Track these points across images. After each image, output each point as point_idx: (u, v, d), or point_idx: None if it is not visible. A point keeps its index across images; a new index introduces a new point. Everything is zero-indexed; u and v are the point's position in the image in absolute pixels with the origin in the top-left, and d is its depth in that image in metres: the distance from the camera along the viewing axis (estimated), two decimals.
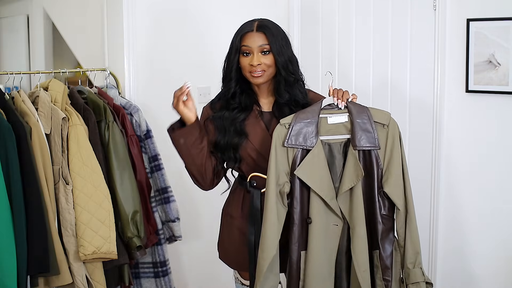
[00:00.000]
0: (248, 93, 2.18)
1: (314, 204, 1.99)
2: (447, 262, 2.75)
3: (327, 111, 2.03)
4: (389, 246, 2.03)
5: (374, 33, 2.92)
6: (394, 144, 2.02)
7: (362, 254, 1.98)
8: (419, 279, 2.03)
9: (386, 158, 2.02)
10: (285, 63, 2.10)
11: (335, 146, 2.02)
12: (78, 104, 2.56)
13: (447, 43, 2.65)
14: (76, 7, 3.54)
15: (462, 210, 2.69)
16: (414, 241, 2.04)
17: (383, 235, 2.02)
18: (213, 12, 3.16)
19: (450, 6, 2.63)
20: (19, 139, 2.28)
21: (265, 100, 2.20)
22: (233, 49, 2.13)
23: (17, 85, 2.57)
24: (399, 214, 2.04)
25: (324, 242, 2.00)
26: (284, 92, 2.13)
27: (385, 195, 2.02)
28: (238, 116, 2.14)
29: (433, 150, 2.74)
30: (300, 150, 1.99)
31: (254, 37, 2.09)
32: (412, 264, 2.03)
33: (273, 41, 2.08)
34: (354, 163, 1.98)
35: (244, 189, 2.22)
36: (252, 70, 2.09)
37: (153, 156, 2.79)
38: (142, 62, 2.96)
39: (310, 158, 1.98)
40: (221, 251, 2.33)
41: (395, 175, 2.01)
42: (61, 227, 2.40)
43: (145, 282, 2.80)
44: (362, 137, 1.99)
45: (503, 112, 2.53)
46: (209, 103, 2.24)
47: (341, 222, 2.00)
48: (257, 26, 2.11)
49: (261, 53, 2.09)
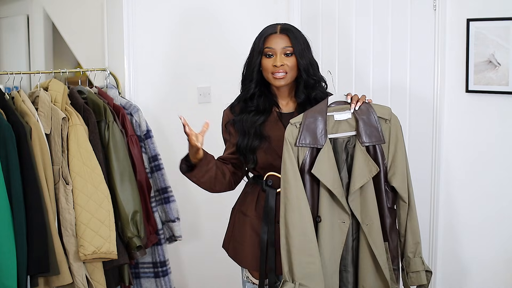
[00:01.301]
0: (266, 96, 2.21)
1: (324, 202, 2.00)
2: (447, 262, 2.75)
3: (332, 109, 2.06)
4: (395, 237, 2.10)
5: (374, 33, 2.92)
6: (398, 138, 2.07)
7: (382, 248, 2.04)
8: (419, 268, 2.10)
9: (391, 152, 2.06)
10: (307, 66, 2.15)
11: (339, 143, 2.04)
12: (78, 104, 2.56)
13: (447, 43, 2.65)
14: (76, 7, 3.54)
15: (462, 210, 2.69)
16: (414, 231, 2.10)
17: (390, 227, 2.08)
18: (213, 12, 3.16)
19: (450, 6, 2.63)
20: (19, 139, 2.28)
21: (284, 101, 2.23)
22: (255, 51, 2.16)
23: (17, 85, 2.57)
24: (402, 206, 2.09)
25: (331, 239, 2.02)
26: (301, 93, 2.18)
27: (390, 188, 2.06)
28: (258, 119, 2.17)
29: (433, 150, 2.74)
30: (309, 149, 2.01)
31: (277, 39, 2.14)
32: (412, 254, 2.10)
33: (296, 43, 2.13)
34: (365, 159, 2.01)
35: (258, 189, 2.23)
36: (274, 71, 2.12)
37: (153, 156, 2.79)
38: (142, 62, 2.96)
39: (322, 156, 1.99)
40: (231, 249, 2.31)
41: (401, 169, 2.05)
42: (61, 227, 2.40)
43: (145, 282, 2.80)
44: (368, 132, 2.02)
45: (503, 112, 2.53)
46: (229, 106, 2.27)
47: (348, 219, 2.02)
48: (281, 29, 2.15)
49: (284, 55, 2.13)
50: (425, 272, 2.11)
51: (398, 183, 2.05)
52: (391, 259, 2.07)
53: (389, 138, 2.06)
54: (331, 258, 2.02)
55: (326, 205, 2.01)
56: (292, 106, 2.22)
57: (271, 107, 2.20)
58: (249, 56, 2.20)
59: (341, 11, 3.06)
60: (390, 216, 2.07)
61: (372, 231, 2.02)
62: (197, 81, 3.15)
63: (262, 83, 2.20)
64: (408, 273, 2.11)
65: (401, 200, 2.09)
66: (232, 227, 2.32)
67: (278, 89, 2.21)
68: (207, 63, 3.15)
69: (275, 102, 2.22)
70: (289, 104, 2.23)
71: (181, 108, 3.06)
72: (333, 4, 3.08)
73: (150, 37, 2.98)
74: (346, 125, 2.05)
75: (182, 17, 3.07)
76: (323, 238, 2.00)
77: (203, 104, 3.15)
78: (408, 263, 2.11)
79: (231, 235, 2.32)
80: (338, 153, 2.04)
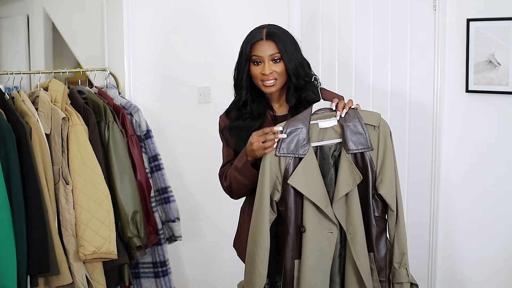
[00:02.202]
0: (259, 100, 2.19)
1: (308, 213, 1.96)
2: (447, 261, 2.75)
3: (317, 116, 2.02)
4: (383, 248, 2.03)
5: (374, 33, 2.92)
6: (386, 145, 2.01)
7: (365, 258, 1.98)
8: (403, 280, 2.03)
9: (379, 159, 2.00)
10: (296, 70, 2.11)
11: (325, 151, 2.00)
12: (78, 104, 2.56)
13: (447, 43, 2.66)
14: (76, 7, 3.54)
15: (462, 210, 2.69)
16: (400, 241, 2.03)
17: (377, 237, 2.01)
18: (213, 12, 3.16)
19: (450, 6, 2.63)
20: (19, 139, 2.28)
21: (277, 104, 2.21)
22: (243, 58, 2.13)
23: (17, 85, 2.57)
24: (390, 215, 2.03)
25: (318, 250, 1.97)
26: (292, 97, 2.15)
27: (379, 197, 2.01)
28: (253, 125, 2.15)
29: (433, 150, 2.75)
30: (292, 158, 1.97)
31: (264, 46, 2.09)
32: (398, 264, 2.03)
33: (283, 49, 2.09)
34: (349, 167, 1.96)
35: None
36: (264, 78, 2.10)
37: (153, 156, 2.79)
38: (142, 62, 2.96)
39: (303, 166, 1.95)
40: (240, 249, 2.28)
41: (389, 177, 2.00)
42: (61, 227, 2.40)
43: (145, 282, 2.80)
44: (354, 140, 1.97)
45: (503, 112, 2.53)
46: (224, 112, 2.25)
47: (336, 229, 1.98)
48: (267, 34, 2.10)
49: (272, 61, 2.10)
50: (410, 285, 2.04)
51: (385, 191, 1.99)
52: (377, 271, 2.01)
53: (378, 145, 2.00)
54: (318, 269, 1.98)
55: (311, 216, 1.97)
56: (286, 109, 2.20)
57: (265, 111, 2.18)
58: (238, 61, 2.17)
59: (341, 11, 3.06)
60: (377, 225, 2.01)
61: (355, 240, 1.96)
62: (197, 81, 3.15)
63: (253, 88, 2.17)
64: (393, 284, 2.04)
65: (389, 209, 2.02)
66: (241, 227, 2.31)
67: (270, 94, 2.19)
68: (207, 63, 3.15)
69: (268, 106, 2.20)
70: (283, 107, 2.21)
71: (181, 108, 3.07)
72: (333, 4, 3.08)
73: (150, 37, 2.98)
74: (332, 132, 2.00)
75: (182, 17, 3.07)
76: (308, 249, 1.96)
77: (203, 104, 3.15)
78: (393, 274, 2.03)
79: (239, 235, 2.31)
80: (324, 161, 2.00)
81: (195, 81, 3.15)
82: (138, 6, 2.91)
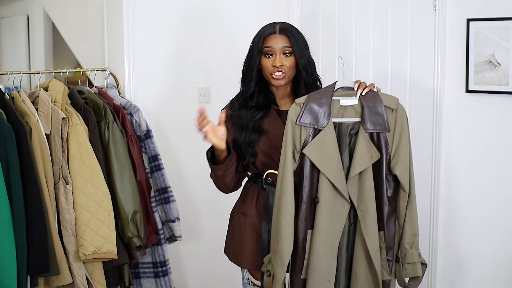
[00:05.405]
0: (266, 93, 2.23)
1: (323, 185, 2.01)
2: (447, 258, 2.75)
3: (339, 93, 2.07)
4: (393, 228, 2.07)
5: (374, 33, 2.92)
6: (403, 128, 2.07)
7: (375, 235, 2.02)
8: (416, 260, 2.08)
9: (395, 142, 2.06)
10: (306, 65, 2.17)
11: (343, 128, 2.05)
12: (78, 104, 2.56)
13: (447, 43, 2.65)
14: (76, 7, 3.54)
15: (462, 208, 2.69)
16: (413, 223, 2.09)
17: (388, 216, 2.06)
18: (213, 12, 3.16)
19: (450, 6, 2.63)
20: (19, 139, 2.28)
21: (282, 101, 2.26)
22: (254, 50, 2.18)
23: (17, 85, 2.57)
24: (402, 196, 2.08)
25: (330, 223, 2.02)
26: (302, 92, 2.19)
27: (392, 177, 2.06)
28: (257, 114, 2.19)
29: (433, 150, 2.74)
30: (312, 130, 2.02)
31: (277, 39, 2.16)
32: (409, 245, 2.08)
33: (295, 43, 2.16)
34: (367, 145, 2.01)
35: (258, 187, 2.24)
36: (274, 70, 2.14)
37: (153, 156, 2.79)
38: (142, 62, 2.96)
39: (320, 138, 2.00)
40: (232, 252, 2.31)
41: (403, 158, 2.05)
42: (61, 227, 2.40)
43: (145, 282, 2.80)
44: (372, 119, 2.03)
45: (503, 112, 2.53)
46: (228, 104, 2.29)
47: (348, 204, 2.02)
48: (280, 28, 2.17)
49: (283, 55, 2.16)
50: (421, 265, 2.09)
51: (400, 171, 2.04)
52: (385, 249, 2.05)
53: (394, 127, 2.06)
54: (329, 242, 2.02)
55: (326, 188, 2.01)
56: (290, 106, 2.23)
57: (270, 104, 2.23)
58: (248, 54, 2.22)
59: (341, 11, 3.06)
60: (389, 205, 2.06)
61: (366, 217, 2.01)
62: (197, 81, 3.15)
63: (261, 81, 2.22)
64: (403, 264, 2.09)
65: (401, 190, 2.07)
66: (232, 230, 2.32)
67: (277, 89, 2.22)
68: (207, 63, 3.15)
69: (273, 101, 2.24)
70: (288, 103, 2.24)
71: (181, 108, 3.07)
72: (333, 3, 3.08)
73: (150, 37, 2.98)
74: (352, 111, 2.06)
75: (182, 17, 3.07)
76: (320, 221, 2.01)
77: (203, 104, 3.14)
78: (404, 254, 2.09)
79: (231, 238, 2.32)
80: (341, 138, 2.04)
81: (195, 81, 3.15)
82: (138, 6, 2.91)
